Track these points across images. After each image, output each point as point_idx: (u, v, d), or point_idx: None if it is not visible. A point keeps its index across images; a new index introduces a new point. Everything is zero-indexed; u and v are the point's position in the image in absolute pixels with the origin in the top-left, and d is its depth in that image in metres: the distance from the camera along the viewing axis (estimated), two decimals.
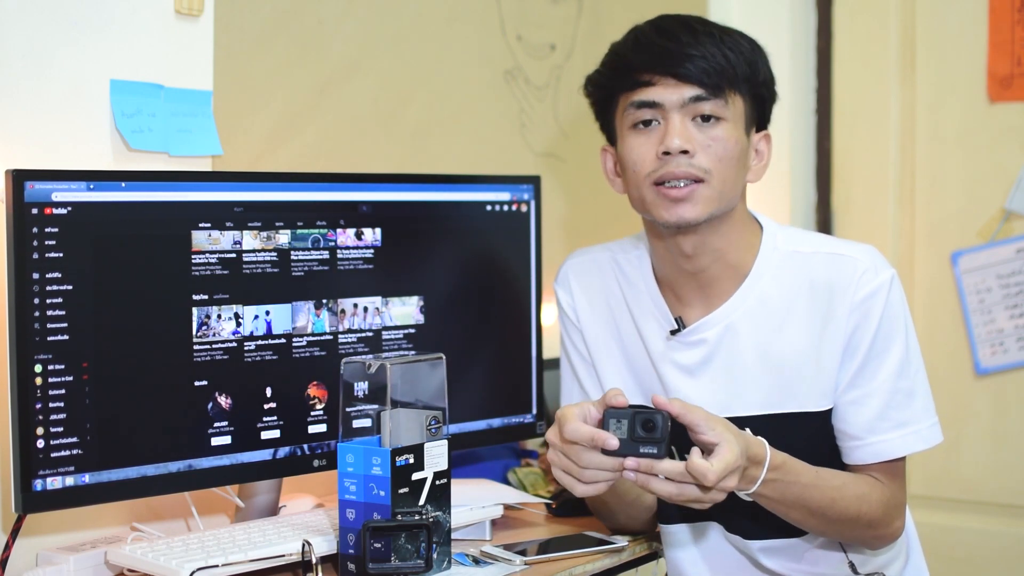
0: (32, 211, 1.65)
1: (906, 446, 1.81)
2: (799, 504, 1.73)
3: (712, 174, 1.77)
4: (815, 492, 1.73)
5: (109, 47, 1.88)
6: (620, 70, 1.82)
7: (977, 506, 3.07)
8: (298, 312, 1.90)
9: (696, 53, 1.77)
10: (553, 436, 1.64)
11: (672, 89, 1.78)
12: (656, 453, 1.58)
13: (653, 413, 1.59)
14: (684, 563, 1.92)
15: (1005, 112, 3.00)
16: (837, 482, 1.77)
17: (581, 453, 1.61)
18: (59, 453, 1.68)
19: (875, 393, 1.81)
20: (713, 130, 1.78)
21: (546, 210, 2.29)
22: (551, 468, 1.66)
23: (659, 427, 1.58)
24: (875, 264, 1.83)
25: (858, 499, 1.77)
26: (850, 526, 1.79)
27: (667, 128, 1.77)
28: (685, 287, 1.88)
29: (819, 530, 1.80)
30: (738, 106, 1.80)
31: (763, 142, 1.87)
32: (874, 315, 1.80)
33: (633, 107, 1.80)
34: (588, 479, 1.62)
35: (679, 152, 1.76)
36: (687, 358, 1.87)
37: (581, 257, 2.03)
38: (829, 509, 1.75)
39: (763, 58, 1.85)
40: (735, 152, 1.79)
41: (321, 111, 2.24)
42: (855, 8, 3.23)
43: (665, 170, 1.77)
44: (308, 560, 1.70)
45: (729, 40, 1.80)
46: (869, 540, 1.84)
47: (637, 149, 1.80)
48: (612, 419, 1.60)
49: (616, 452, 1.59)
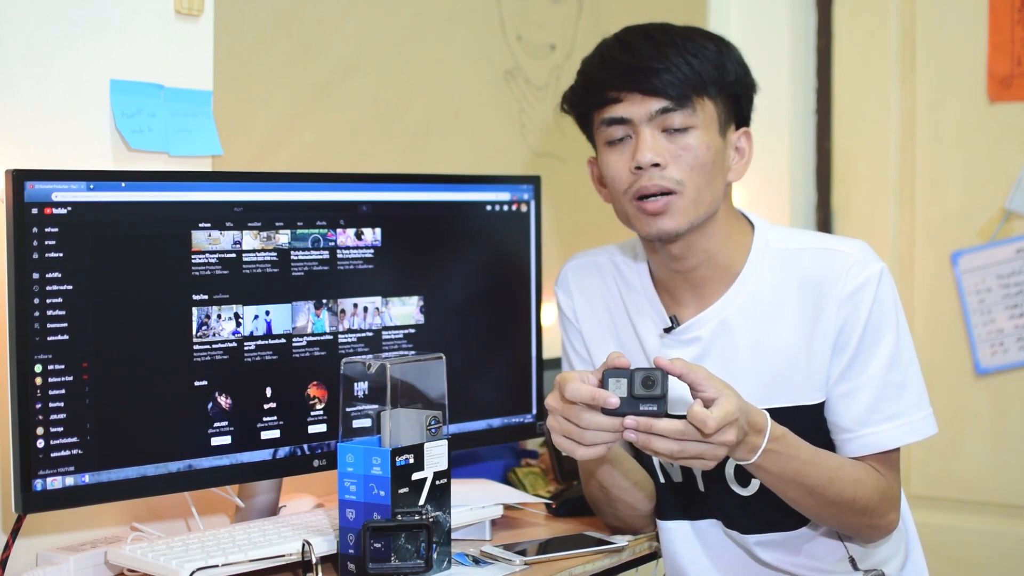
0: (32, 211, 1.65)
1: (898, 438, 1.82)
2: (797, 480, 1.73)
3: (685, 184, 1.79)
4: (813, 469, 1.74)
5: (109, 47, 1.88)
6: (589, 88, 1.85)
7: (977, 506, 3.07)
8: (298, 312, 1.90)
9: (659, 66, 1.78)
10: (553, 400, 1.66)
11: (639, 104, 1.79)
12: (656, 410, 1.60)
13: (652, 370, 1.61)
14: (683, 560, 1.92)
15: (1005, 112, 3.00)
16: (835, 463, 1.78)
17: (581, 413, 1.63)
18: (59, 453, 1.68)
19: (866, 386, 1.82)
20: (683, 139, 1.79)
21: (546, 210, 2.30)
22: (551, 435, 1.68)
23: (658, 383, 1.60)
24: (864, 257, 1.84)
25: (854, 483, 1.78)
26: (846, 510, 1.79)
27: (638, 143, 1.80)
28: (679, 287, 1.90)
29: (815, 512, 1.80)
30: (708, 110, 1.81)
31: (743, 139, 1.89)
32: (863, 308, 1.81)
33: (604, 124, 1.83)
34: (589, 440, 1.64)
35: (650, 165, 1.78)
36: (682, 355, 1.87)
37: (581, 260, 2.04)
38: (827, 488, 1.75)
39: (731, 56, 1.85)
40: (708, 158, 1.80)
41: (321, 111, 2.24)
42: (855, 8, 3.23)
43: (639, 184, 1.80)
44: (308, 560, 1.70)
45: (692, 46, 1.80)
46: (863, 530, 1.84)
47: (613, 165, 1.83)
48: (612, 379, 1.62)
49: (616, 411, 1.61)
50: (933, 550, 2.11)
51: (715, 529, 1.91)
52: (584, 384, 1.62)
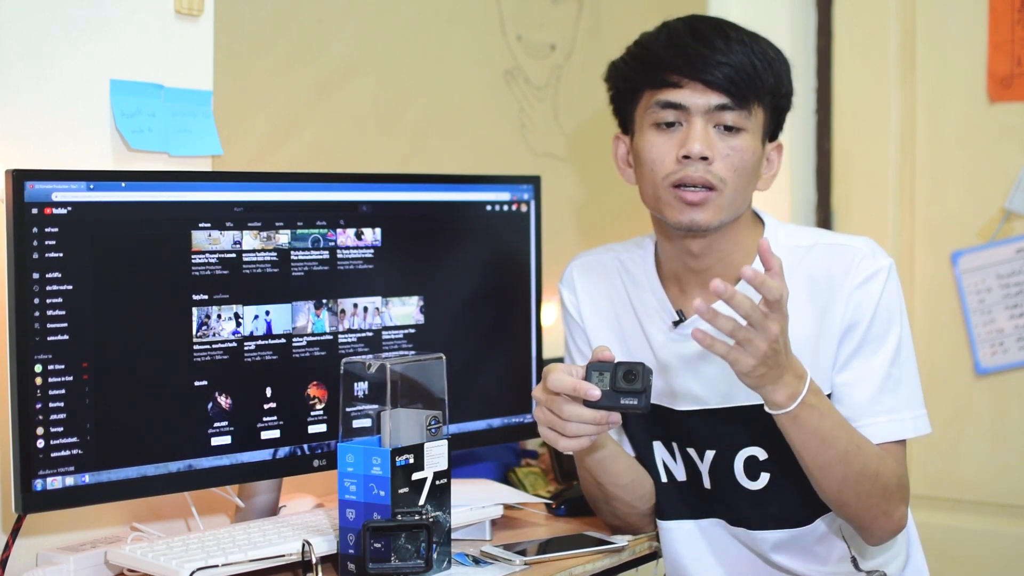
0: (32, 211, 1.65)
1: (891, 431, 1.81)
2: (828, 441, 1.70)
3: (727, 183, 1.79)
4: (843, 432, 1.72)
5: (109, 47, 1.88)
6: (649, 65, 1.83)
7: (977, 506, 3.07)
8: (298, 312, 1.90)
9: (727, 61, 1.78)
10: (538, 391, 1.68)
11: (699, 94, 1.79)
12: (637, 404, 1.62)
13: (634, 364, 1.62)
14: (685, 559, 1.91)
15: (1005, 112, 3.00)
16: (860, 435, 1.76)
17: (563, 405, 1.64)
18: (59, 453, 1.68)
19: (869, 376, 1.81)
20: (734, 140, 1.79)
21: (546, 210, 2.29)
22: (537, 426, 1.70)
23: (639, 377, 1.62)
24: (874, 252, 1.85)
25: (878, 458, 1.76)
26: (868, 485, 1.74)
27: (689, 132, 1.79)
28: (689, 281, 1.90)
29: (838, 484, 1.74)
30: (759, 117, 1.82)
31: (775, 152, 1.90)
32: (871, 299, 1.81)
33: (657, 105, 1.81)
34: (571, 432, 1.65)
35: (699, 158, 1.78)
36: (689, 349, 1.87)
37: (586, 258, 2.04)
38: (855, 456, 1.72)
39: (787, 69, 1.86)
40: (751, 163, 1.81)
41: (321, 111, 2.24)
42: (855, 8, 3.23)
43: (683, 173, 1.79)
44: (308, 560, 1.70)
45: (758, 49, 1.81)
46: (879, 517, 1.79)
47: (657, 149, 1.81)
48: (595, 372, 1.64)
49: (597, 403, 1.62)
50: (933, 550, 2.11)
51: (718, 527, 1.91)
52: (567, 376, 1.64)
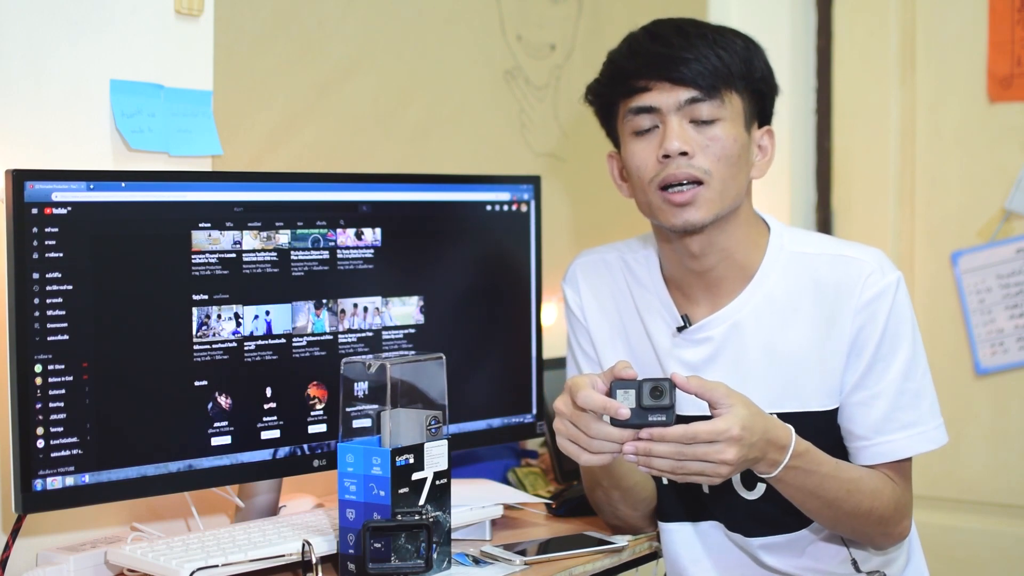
0: (32, 211, 1.65)
1: (912, 447, 1.82)
2: (816, 494, 1.74)
3: (712, 174, 1.79)
4: (833, 483, 1.74)
5: (109, 47, 1.88)
6: (616, 78, 1.85)
7: (977, 506, 3.07)
8: (298, 312, 1.90)
9: (689, 56, 1.79)
10: (562, 404, 1.66)
11: (667, 93, 1.80)
12: (665, 420, 1.60)
13: (660, 380, 1.60)
14: (684, 560, 1.92)
15: (1005, 112, 3.00)
16: (854, 475, 1.78)
17: (591, 422, 1.63)
18: (59, 453, 1.68)
19: (882, 394, 1.81)
20: (711, 130, 1.80)
21: (546, 210, 2.29)
22: (556, 437, 1.68)
23: (667, 393, 1.60)
24: (882, 266, 1.84)
25: (872, 494, 1.78)
26: (862, 521, 1.79)
27: (665, 131, 1.80)
28: (693, 286, 1.90)
29: (831, 523, 1.81)
30: (736, 104, 1.82)
31: (766, 137, 1.89)
32: (880, 317, 1.81)
33: (632, 113, 1.83)
34: (596, 449, 1.64)
35: (678, 154, 1.78)
36: (693, 355, 1.87)
37: (590, 256, 2.04)
38: (845, 502, 1.76)
39: (758, 54, 1.86)
40: (734, 150, 1.80)
41: (321, 111, 2.24)
42: (855, 8, 3.23)
43: (666, 173, 1.79)
44: (308, 560, 1.70)
45: (722, 40, 1.82)
46: (877, 538, 1.84)
47: (639, 155, 1.82)
48: (619, 390, 1.61)
49: (626, 423, 1.60)
50: (933, 550, 2.11)
51: (717, 531, 1.91)
52: (596, 393, 1.62)
